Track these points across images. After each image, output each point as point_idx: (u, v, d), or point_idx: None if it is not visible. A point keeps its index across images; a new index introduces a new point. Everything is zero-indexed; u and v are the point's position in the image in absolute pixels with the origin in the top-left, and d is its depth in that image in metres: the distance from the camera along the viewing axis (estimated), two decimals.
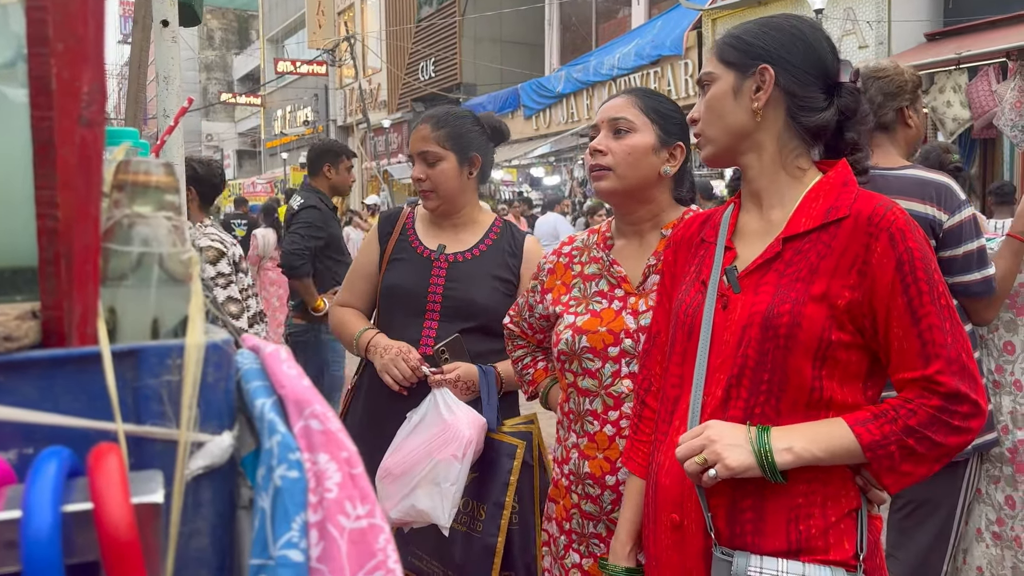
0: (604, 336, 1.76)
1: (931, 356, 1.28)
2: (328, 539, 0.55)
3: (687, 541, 1.38)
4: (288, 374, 0.59)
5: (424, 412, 2.15)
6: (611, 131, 1.80)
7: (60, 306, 0.56)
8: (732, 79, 1.43)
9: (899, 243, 1.28)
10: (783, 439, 1.28)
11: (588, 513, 1.79)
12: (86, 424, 0.54)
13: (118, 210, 0.61)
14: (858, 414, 1.30)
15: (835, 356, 1.31)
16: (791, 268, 1.35)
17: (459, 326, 2.24)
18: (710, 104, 1.45)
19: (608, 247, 1.88)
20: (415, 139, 2.31)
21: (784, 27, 1.44)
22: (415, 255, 2.32)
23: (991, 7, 8.97)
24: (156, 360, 0.57)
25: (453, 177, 2.28)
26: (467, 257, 2.31)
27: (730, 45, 1.45)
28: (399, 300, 2.30)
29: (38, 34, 0.54)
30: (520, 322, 2.08)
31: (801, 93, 1.40)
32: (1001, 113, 7.73)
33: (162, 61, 2.37)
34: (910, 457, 1.28)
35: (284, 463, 0.55)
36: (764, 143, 1.43)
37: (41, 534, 0.46)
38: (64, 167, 0.54)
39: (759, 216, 1.46)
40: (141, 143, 1.00)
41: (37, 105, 0.54)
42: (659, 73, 13.35)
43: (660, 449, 1.46)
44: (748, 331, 1.34)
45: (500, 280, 2.31)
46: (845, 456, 1.29)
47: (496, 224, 2.40)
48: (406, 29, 21.37)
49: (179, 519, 0.55)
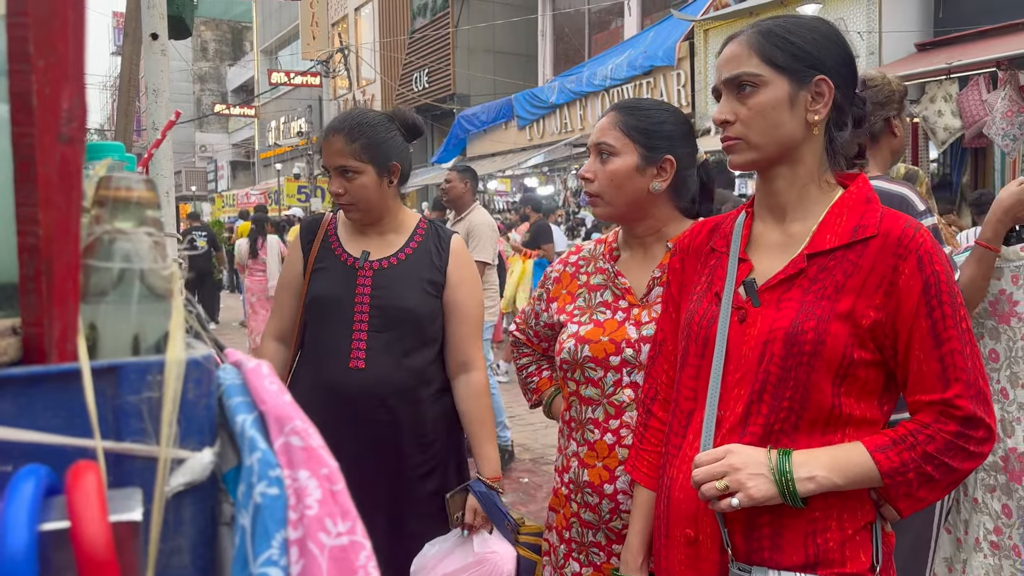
0: (606, 346, 1.76)
1: (951, 380, 1.27)
2: (308, 556, 0.55)
3: (702, 556, 1.36)
4: (269, 390, 0.59)
5: (452, 542, 2.16)
6: (597, 155, 1.81)
7: (40, 322, 0.56)
8: (787, 86, 1.35)
9: (927, 266, 1.27)
10: (804, 467, 1.26)
11: (587, 522, 1.79)
12: (65, 441, 0.54)
13: (99, 226, 0.61)
14: (877, 439, 1.29)
15: (855, 374, 1.30)
16: (816, 285, 1.33)
17: (389, 334, 2.17)
18: (762, 110, 1.36)
19: (614, 258, 1.89)
20: (329, 152, 2.21)
21: (831, 36, 1.38)
22: (338, 263, 2.24)
23: (981, 17, 9.02)
24: (136, 376, 0.57)
25: (373, 190, 2.20)
26: (392, 262, 2.24)
27: (780, 47, 1.36)
28: (325, 311, 2.22)
29: (19, 51, 0.54)
30: (527, 330, 2.09)
31: (845, 107, 1.38)
32: (992, 122, 7.77)
33: (151, 74, 2.37)
34: (927, 484, 1.28)
35: (264, 480, 0.55)
36: (805, 156, 1.38)
37: (17, 553, 0.46)
38: (45, 184, 0.54)
39: (778, 228, 1.43)
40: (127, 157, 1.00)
41: (18, 122, 0.54)
42: (652, 83, 13.40)
43: (673, 463, 1.44)
44: (770, 347, 1.32)
45: (428, 282, 2.24)
46: (864, 482, 1.29)
47: (421, 225, 2.32)
48: (400, 40, 21.41)
49: (159, 537, 0.54)
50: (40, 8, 0.54)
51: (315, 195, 20.56)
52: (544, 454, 5.99)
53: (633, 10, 15.54)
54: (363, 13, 24.07)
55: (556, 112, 15.72)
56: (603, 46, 16.24)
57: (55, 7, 0.55)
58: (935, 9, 10.02)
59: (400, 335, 2.19)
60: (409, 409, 2.19)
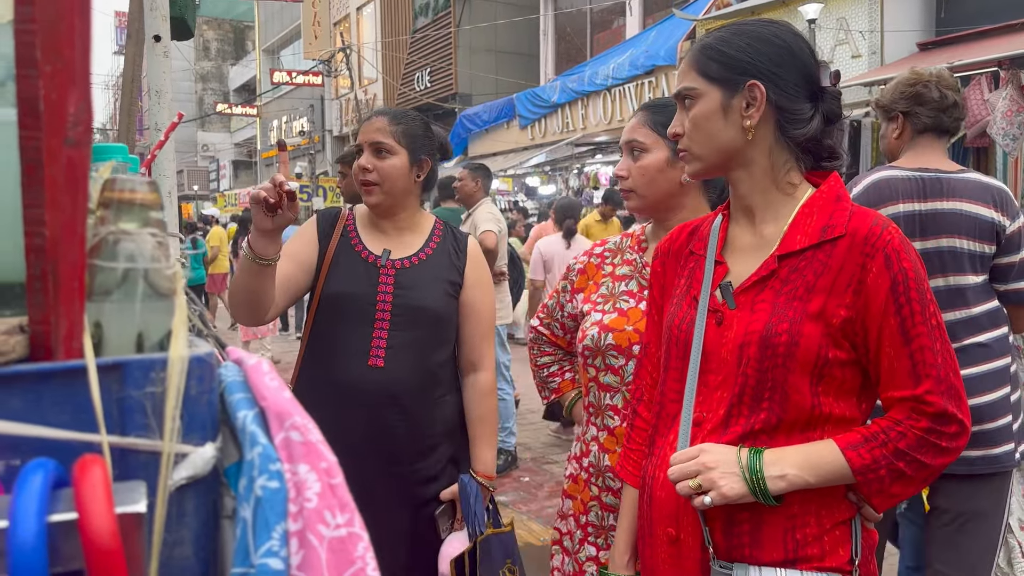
0: (630, 335, 1.81)
1: (921, 376, 1.28)
2: (308, 548, 0.56)
3: (684, 555, 1.38)
4: (270, 386, 0.61)
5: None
6: (629, 153, 1.90)
7: (47, 321, 0.58)
8: (719, 96, 1.38)
9: (894, 263, 1.28)
10: (775, 466, 1.28)
11: (608, 505, 1.85)
12: (72, 436, 0.56)
13: (104, 227, 0.62)
14: (849, 436, 1.31)
15: (832, 373, 1.31)
16: (787, 286, 1.34)
17: (411, 334, 2.18)
18: (697, 122, 1.40)
19: (643, 250, 1.95)
20: (368, 129, 2.23)
21: (766, 37, 1.39)
22: (359, 260, 2.22)
23: (982, 17, 9.02)
24: (140, 373, 0.58)
25: (402, 174, 2.21)
26: (414, 262, 2.23)
27: (712, 59, 1.39)
28: (345, 308, 2.20)
29: (27, 56, 0.55)
30: (551, 323, 2.13)
31: (790, 106, 1.37)
32: (993, 122, 7.77)
33: (154, 75, 2.38)
34: (899, 480, 1.29)
35: (265, 474, 0.56)
36: (755, 159, 1.40)
37: (27, 543, 0.47)
38: (51, 186, 0.56)
39: (751, 230, 1.44)
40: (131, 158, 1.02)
41: (25, 125, 0.56)
42: (653, 83, 13.40)
43: (655, 462, 1.46)
44: (746, 350, 1.33)
45: (449, 283, 2.25)
46: (836, 479, 1.30)
47: (438, 226, 2.33)
48: (402, 40, 21.42)
49: (162, 528, 0.56)
50: (47, 15, 0.55)
51: (317, 194, 20.56)
52: (544, 454, 6.00)
53: (635, 9, 15.54)
54: (365, 12, 24.08)
55: (558, 111, 15.73)
56: (605, 45, 16.24)
57: (62, 14, 0.56)
58: (937, 9, 10.02)
59: (421, 335, 2.19)
60: (421, 409, 2.19)
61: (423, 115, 2.39)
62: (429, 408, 2.21)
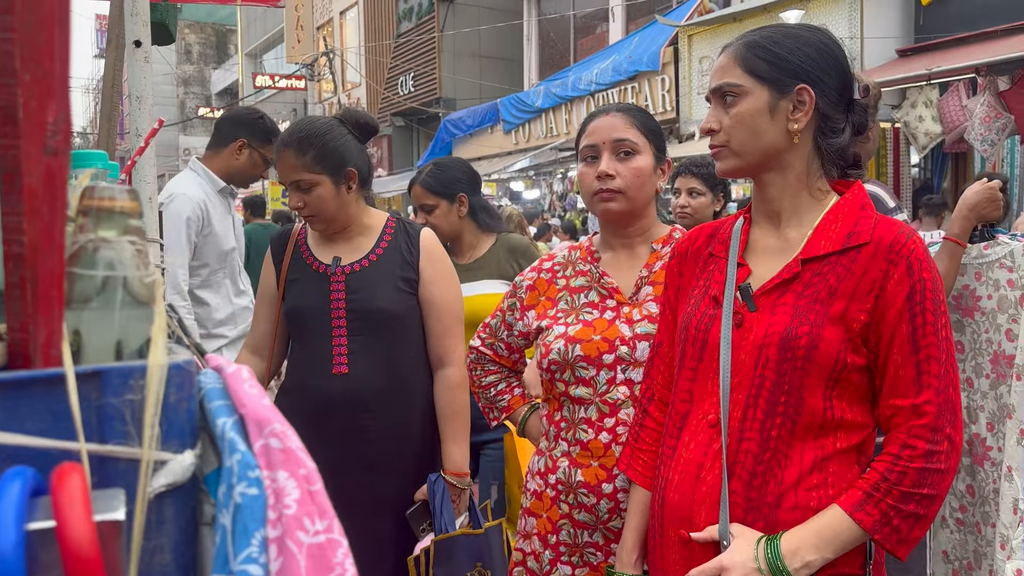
0: (599, 344, 1.77)
1: (923, 386, 1.29)
2: (287, 554, 0.57)
3: (697, 557, 1.38)
4: (249, 394, 0.61)
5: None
6: (614, 153, 1.81)
7: (26, 329, 0.58)
8: (766, 96, 1.38)
9: (915, 272, 1.30)
10: (796, 556, 1.27)
11: (582, 522, 1.77)
12: (50, 444, 0.56)
13: (83, 235, 0.62)
14: (851, 496, 1.29)
15: (848, 378, 1.32)
16: (810, 290, 1.35)
17: (371, 336, 2.18)
18: (742, 119, 1.39)
19: (596, 260, 1.89)
20: (282, 168, 2.19)
21: (815, 43, 1.39)
22: (311, 272, 2.24)
23: (961, 24, 9.12)
24: (119, 381, 0.58)
25: (331, 199, 2.18)
26: (364, 264, 2.23)
27: (761, 58, 1.39)
28: (304, 321, 2.23)
29: (5, 65, 0.55)
30: (495, 343, 2.05)
31: (832, 115, 1.39)
32: (971, 127, 7.86)
33: (135, 81, 2.37)
34: (916, 524, 1.28)
35: (244, 481, 0.57)
36: (793, 163, 1.41)
37: (5, 552, 0.47)
38: (30, 195, 0.56)
39: (775, 234, 1.45)
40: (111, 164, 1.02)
41: (4, 134, 0.55)
42: (636, 88, 13.45)
43: (668, 464, 1.46)
44: (765, 351, 1.34)
45: (402, 279, 2.24)
46: (855, 543, 1.29)
47: (389, 224, 2.32)
48: (385, 44, 21.40)
49: (141, 536, 0.56)
50: (26, 24, 0.55)
51: None
52: None
53: (618, 15, 15.60)
54: (348, 17, 24.03)
55: (542, 116, 15.75)
56: (588, 51, 16.29)
57: (41, 23, 0.56)
58: (916, 16, 10.11)
59: (380, 336, 2.19)
60: (393, 410, 2.19)
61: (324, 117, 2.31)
62: (403, 408, 2.21)
